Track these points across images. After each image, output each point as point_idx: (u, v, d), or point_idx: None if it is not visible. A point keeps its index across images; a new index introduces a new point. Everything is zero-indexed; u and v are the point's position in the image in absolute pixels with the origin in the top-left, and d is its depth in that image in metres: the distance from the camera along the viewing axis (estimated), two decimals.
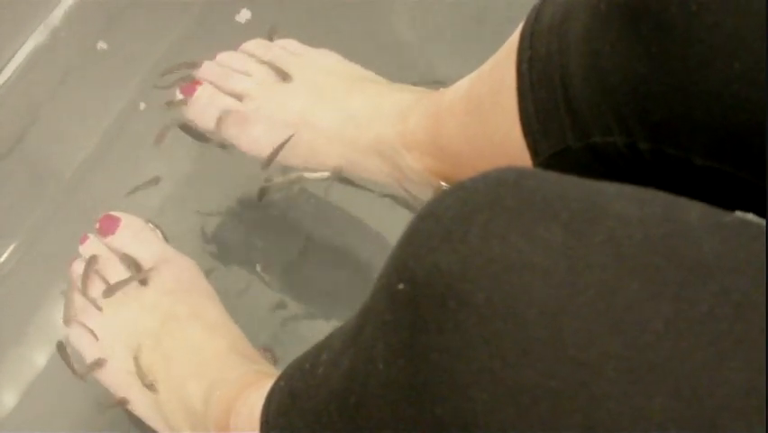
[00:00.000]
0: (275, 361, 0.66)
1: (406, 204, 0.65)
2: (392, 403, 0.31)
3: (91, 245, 0.68)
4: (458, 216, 0.31)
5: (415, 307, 0.30)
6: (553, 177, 0.31)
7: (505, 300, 0.28)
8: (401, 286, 0.31)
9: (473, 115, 0.53)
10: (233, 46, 0.71)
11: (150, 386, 0.62)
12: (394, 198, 0.69)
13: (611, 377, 0.26)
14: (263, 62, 0.67)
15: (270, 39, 0.71)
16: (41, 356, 0.74)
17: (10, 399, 0.73)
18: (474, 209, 0.30)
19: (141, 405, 0.64)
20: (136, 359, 0.63)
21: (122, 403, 0.64)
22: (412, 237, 0.32)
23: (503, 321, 0.28)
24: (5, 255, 0.79)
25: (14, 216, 0.80)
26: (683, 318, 0.26)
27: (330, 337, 0.40)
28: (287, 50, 0.69)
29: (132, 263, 0.66)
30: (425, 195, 0.60)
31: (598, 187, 0.31)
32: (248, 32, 0.74)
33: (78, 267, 0.67)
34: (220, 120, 0.67)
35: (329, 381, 0.37)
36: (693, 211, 0.29)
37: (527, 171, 0.32)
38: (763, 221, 0.35)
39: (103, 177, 0.81)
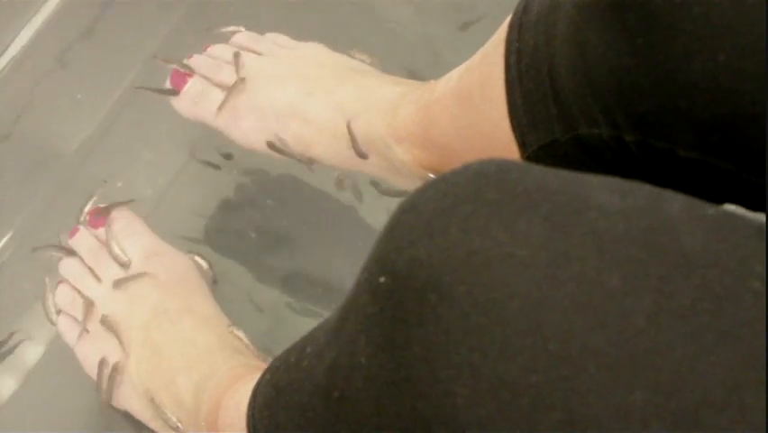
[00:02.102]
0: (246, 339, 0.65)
1: (398, 194, 0.65)
2: (374, 398, 0.31)
3: (81, 237, 0.68)
4: (439, 208, 0.30)
5: (396, 300, 0.30)
6: (535, 169, 0.31)
7: (485, 294, 0.28)
8: (382, 279, 0.31)
9: (463, 106, 0.52)
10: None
11: (177, 428, 0.60)
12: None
13: (592, 371, 0.26)
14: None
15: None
16: (36, 348, 0.74)
17: (5, 391, 0.73)
18: (455, 202, 0.30)
19: (134, 400, 0.64)
20: (153, 400, 0.61)
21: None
22: (393, 230, 0.31)
23: (483, 314, 0.28)
24: (0, 245, 0.78)
25: (10, 205, 0.80)
26: (665, 312, 0.26)
27: (315, 330, 0.40)
28: (276, 43, 0.68)
29: (120, 257, 0.66)
30: (414, 187, 0.59)
31: (580, 179, 0.30)
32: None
33: (70, 264, 0.67)
34: (211, 113, 0.67)
35: (313, 374, 0.37)
36: (676, 203, 0.29)
37: (509, 163, 0.31)
38: (750, 213, 0.35)
39: (99, 167, 0.81)
